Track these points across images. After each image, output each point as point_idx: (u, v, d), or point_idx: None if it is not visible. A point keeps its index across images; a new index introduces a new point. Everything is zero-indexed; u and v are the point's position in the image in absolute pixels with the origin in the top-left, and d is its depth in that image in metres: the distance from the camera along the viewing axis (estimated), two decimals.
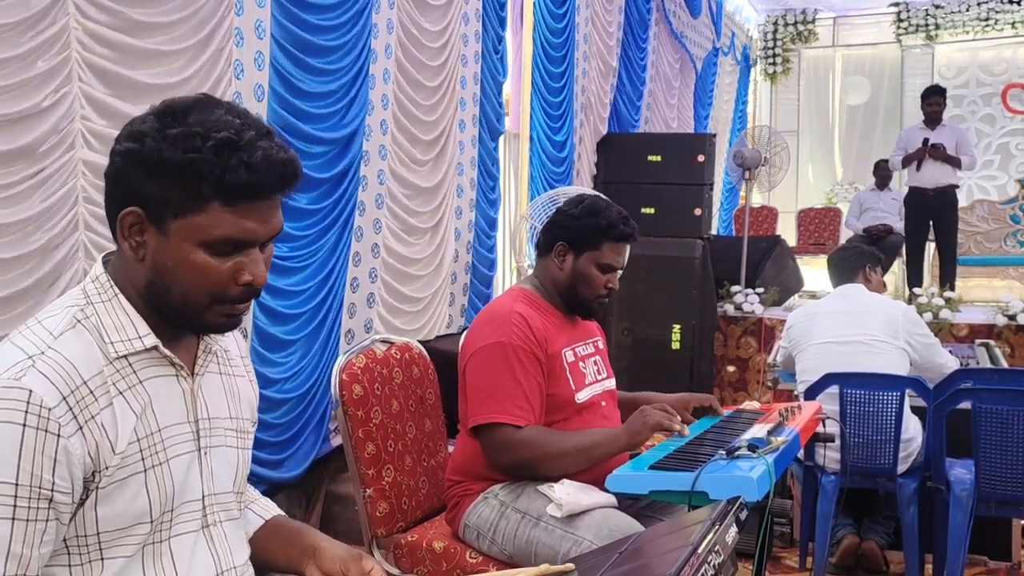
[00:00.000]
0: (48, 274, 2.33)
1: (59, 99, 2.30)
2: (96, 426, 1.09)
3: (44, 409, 1.04)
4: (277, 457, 3.23)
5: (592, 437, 2.07)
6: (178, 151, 1.08)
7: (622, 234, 2.22)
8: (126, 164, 1.11)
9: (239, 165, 1.08)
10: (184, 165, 1.08)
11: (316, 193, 3.39)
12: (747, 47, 10.24)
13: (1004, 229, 8.26)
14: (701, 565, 1.10)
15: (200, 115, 1.10)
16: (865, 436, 3.08)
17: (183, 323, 1.19)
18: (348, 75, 3.42)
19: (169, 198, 1.09)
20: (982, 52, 10.07)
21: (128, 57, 2.49)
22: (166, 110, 1.11)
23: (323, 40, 3.27)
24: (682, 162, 5.62)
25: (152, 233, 1.12)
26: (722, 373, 5.89)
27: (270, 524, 1.43)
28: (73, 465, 1.07)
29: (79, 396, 1.08)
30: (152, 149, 1.08)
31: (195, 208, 1.10)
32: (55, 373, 1.07)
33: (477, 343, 2.12)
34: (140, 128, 1.11)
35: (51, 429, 1.05)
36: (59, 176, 2.33)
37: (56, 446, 1.05)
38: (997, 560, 3.45)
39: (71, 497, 1.07)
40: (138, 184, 1.10)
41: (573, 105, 5.56)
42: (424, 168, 4.18)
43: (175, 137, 1.08)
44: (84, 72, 2.37)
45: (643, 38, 6.66)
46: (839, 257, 3.61)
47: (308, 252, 3.36)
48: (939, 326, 5.24)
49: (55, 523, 1.07)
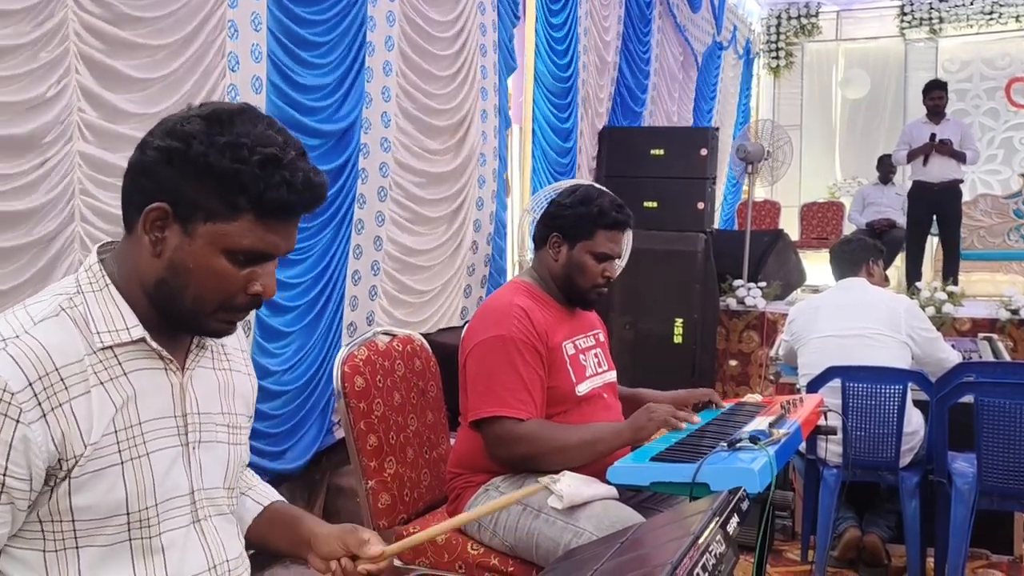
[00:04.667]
0: (45, 266, 2.34)
1: (60, 90, 2.31)
2: (65, 414, 1.08)
3: (6, 393, 1.04)
4: (278, 448, 3.24)
5: (595, 432, 2.06)
6: (225, 159, 1.09)
7: (615, 221, 2.21)
8: (164, 160, 1.10)
9: (281, 183, 1.10)
10: (228, 174, 1.09)
11: None
12: (749, 41, 10.21)
13: (1007, 223, 8.24)
14: (702, 555, 1.09)
15: (245, 126, 1.11)
16: (867, 429, 3.07)
17: (183, 324, 1.19)
18: (340, 69, 3.41)
19: (204, 202, 1.10)
20: (986, 46, 10.04)
21: (118, 49, 2.50)
22: (213, 115, 1.12)
23: (313, 34, 3.26)
24: (685, 156, 5.61)
25: (176, 231, 1.12)
26: (724, 367, 5.89)
27: (269, 511, 1.43)
28: (32, 452, 1.05)
29: (48, 383, 1.07)
30: (199, 153, 1.09)
31: (228, 216, 1.11)
32: (25, 358, 1.06)
33: (477, 336, 2.12)
34: (186, 128, 1.10)
35: (10, 414, 1.04)
36: (60, 168, 2.34)
37: (13, 431, 1.04)
38: (999, 554, 3.45)
39: (28, 484, 1.06)
40: (173, 182, 1.10)
41: (578, 96, 5.55)
42: (437, 158, 4.17)
43: (224, 145, 1.09)
44: (79, 64, 2.37)
45: (645, 32, 6.64)
46: (842, 249, 3.58)
47: (306, 245, 3.35)
48: (941, 320, 5.24)
49: (9, 507, 1.06)
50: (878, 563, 3.29)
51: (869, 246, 3.60)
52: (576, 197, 2.24)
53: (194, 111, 1.13)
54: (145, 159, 1.12)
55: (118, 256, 1.18)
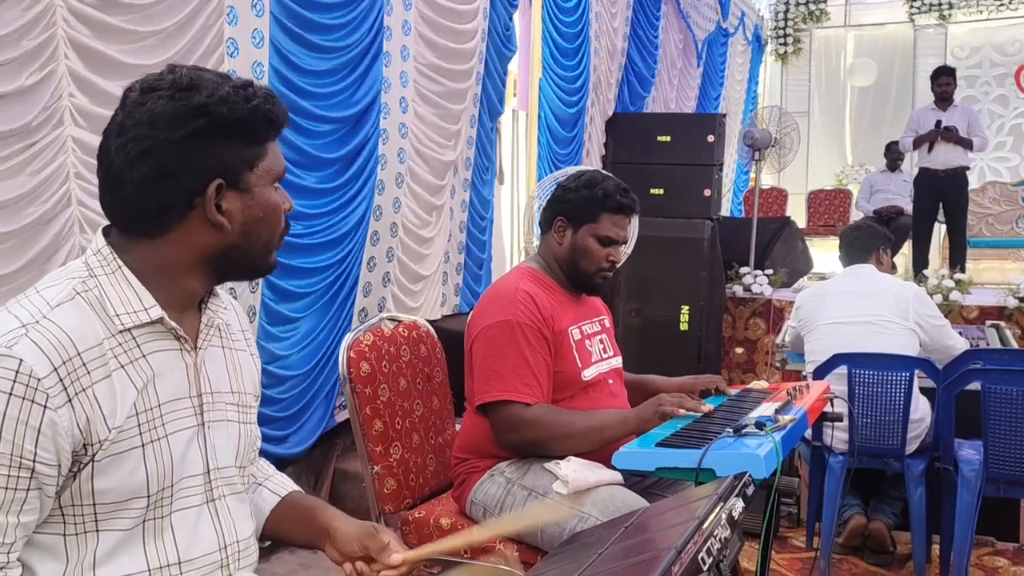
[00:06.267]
0: (45, 249, 2.36)
1: (45, 76, 2.31)
2: (88, 398, 1.08)
3: (33, 379, 1.03)
4: (283, 433, 3.26)
5: (601, 419, 2.06)
6: (241, 104, 1.13)
7: (620, 205, 2.21)
8: (201, 140, 1.11)
9: (268, 97, 1.16)
10: (249, 114, 1.14)
11: (324, 173, 3.37)
12: (758, 27, 10.15)
13: (1015, 211, 8.20)
14: (707, 539, 1.09)
15: (204, 77, 1.14)
16: (873, 416, 3.07)
17: (252, 271, 1.24)
18: (354, 52, 3.39)
19: (241, 153, 1.15)
20: (996, 32, 9.95)
21: (111, 35, 2.49)
22: (178, 83, 1.11)
23: (326, 18, 3.25)
24: (692, 142, 5.58)
25: (234, 197, 1.15)
26: (730, 354, 5.88)
27: (286, 501, 1.42)
28: (59, 436, 1.05)
29: (71, 367, 1.06)
30: (221, 113, 1.11)
31: (260, 153, 1.17)
32: (48, 343, 1.05)
33: (484, 321, 2.12)
34: (186, 104, 1.10)
35: (38, 400, 1.04)
36: (48, 152, 2.35)
37: (41, 417, 1.04)
38: (1004, 541, 3.45)
39: (56, 469, 1.06)
40: (216, 154, 1.12)
41: (588, 82, 5.52)
42: (445, 146, 4.16)
43: (228, 95, 1.12)
44: (68, 50, 2.37)
45: (656, 16, 6.60)
46: (854, 235, 3.52)
47: (319, 232, 3.35)
48: (949, 308, 5.22)
49: (37, 493, 1.06)
50: (883, 550, 3.29)
51: (881, 234, 3.56)
52: (581, 181, 2.24)
53: (147, 96, 1.11)
54: (181, 152, 1.10)
55: (144, 257, 1.15)
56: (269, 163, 1.18)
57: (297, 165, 3.21)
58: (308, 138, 3.26)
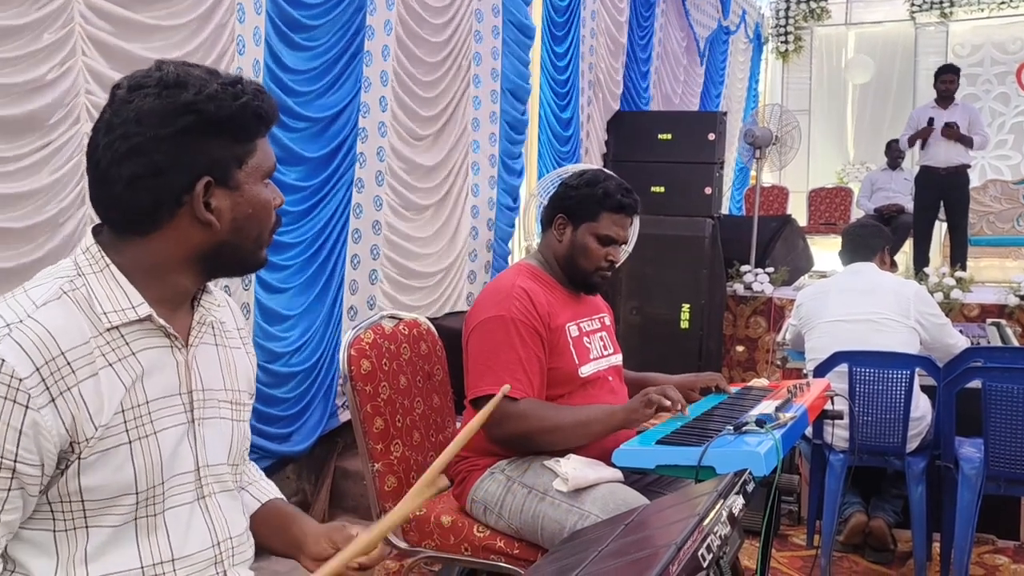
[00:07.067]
0: (59, 245, 2.35)
1: (64, 72, 2.31)
2: (73, 397, 1.07)
3: (15, 379, 1.02)
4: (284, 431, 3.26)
5: (588, 413, 2.06)
6: (229, 101, 1.12)
7: (620, 204, 2.21)
8: (190, 138, 1.11)
9: (257, 94, 1.16)
10: (238, 112, 1.13)
11: (302, 169, 3.35)
12: (759, 25, 10.14)
13: (1016, 209, 8.20)
14: (707, 536, 1.09)
15: (191, 73, 1.13)
16: (874, 414, 3.06)
17: (245, 267, 1.24)
18: (333, 51, 3.38)
19: (230, 150, 1.14)
20: (997, 30, 9.94)
21: (128, 31, 2.49)
22: (163, 83, 1.11)
23: (307, 17, 3.25)
24: (692, 140, 5.58)
25: (223, 194, 1.15)
26: (731, 353, 5.88)
27: (265, 508, 1.42)
28: (42, 437, 1.05)
29: (55, 367, 1.06)
30: (209, 111, 1.11)
31: (250, 150, 1.17)
32: (31, 343, 1.05)
33: (479, 316, 2.12)
34: (173, 101, 1.09)
35: (19, 400, 1.03)
36: (66, 149, 2.34)
37: (23, 417, 1.03)
38: (1005, 539, 3.45)
39: (39, 469, 1.06)
40: (205, 152, 1.12)
41: (579, 83, 5.51)
42: (426, 145, 4.16)
43: (217, 92, 1.11)
44: (87, 46, 2.37)
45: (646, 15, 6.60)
46: (858, 233, 3.50)
47: (300, 229, 3.35)
48: (950, 306, 5.22)
49: (19, 492, 1.06)
50: (884, 548, 3.29)
51: (885, 234, 3.54)
52: (583, 179, 2.25)
53: (134, 94, 1.11)
54: (169, 148, 1.10)
55: (134, 255, 1.15)
56: (259, 159, 1.18)
57: (279, 161, 3.21)
58: (289, 134, 3.25)
